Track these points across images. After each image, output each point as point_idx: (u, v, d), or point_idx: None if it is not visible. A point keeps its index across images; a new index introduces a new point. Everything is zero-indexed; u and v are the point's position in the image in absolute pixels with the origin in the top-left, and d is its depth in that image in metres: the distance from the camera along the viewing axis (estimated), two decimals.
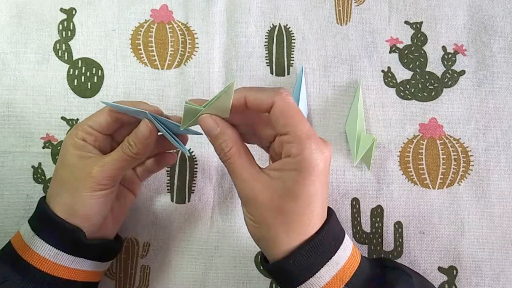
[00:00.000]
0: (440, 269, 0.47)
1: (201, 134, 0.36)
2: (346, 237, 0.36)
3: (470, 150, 0.49)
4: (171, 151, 0.46)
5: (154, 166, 0.43)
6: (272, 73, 0.50)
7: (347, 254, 0.34)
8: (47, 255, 0.36)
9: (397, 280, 0.36)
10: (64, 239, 0.36)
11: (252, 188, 0.33)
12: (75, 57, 0.50)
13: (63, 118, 0.50)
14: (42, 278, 0.36)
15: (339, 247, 0.34)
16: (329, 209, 0.36)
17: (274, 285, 0.47)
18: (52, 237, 0.36)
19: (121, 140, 0.38)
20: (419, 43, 0.51)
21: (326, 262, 0.33)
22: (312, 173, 0.31)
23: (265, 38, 0.51)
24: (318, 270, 0.32)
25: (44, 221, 0.37)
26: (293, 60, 0.51)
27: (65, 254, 0.36)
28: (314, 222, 0.33)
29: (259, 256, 0.36)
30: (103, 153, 0.39)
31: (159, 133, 0.38)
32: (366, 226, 0.48)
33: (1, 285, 0.34)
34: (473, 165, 0.48)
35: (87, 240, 0.37)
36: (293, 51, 0.51)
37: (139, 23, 0.51)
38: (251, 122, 0.36)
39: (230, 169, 0.34)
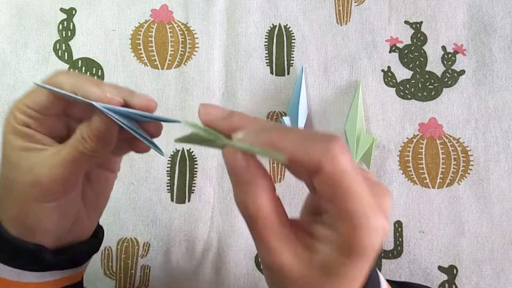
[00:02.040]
0: (440, 268, 0.47)
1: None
2: (380, 277, 0.28)
3: (470, 150, 0.49)
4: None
5: (128, 148, 0.32)
6: (272, 73, 0.50)
7: None
8: (8, 276, 0.29)
9: None
10: (24, 258, 0.29)
11: (280, 261, 0.24)
12: (75, 57, 0.50)
13: None
14: None
15: None
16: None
17: None
18: (9, 258, 0.29)
19: (76, 115, 0.30)
20: (419, 43, 0.51)
21: None
22: (363, 257, 0.22)
23: (265, 38, 0.51)
24: None
25: None
26: (293, 60, 0.51)
27: (30, 272, 0.29)
28: None
29: None
30: (57, 139, 0.30)
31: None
32: None
33: None
34: (472, 165, 0.49)
35: (54, 257, 0.30)
36: (293, 51, 0.51)
37: (139, 23, 0.51)
38: None
39: (252, 232, 0.24)
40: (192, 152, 0.49)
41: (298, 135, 0.22)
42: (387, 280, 0.30)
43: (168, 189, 0.49)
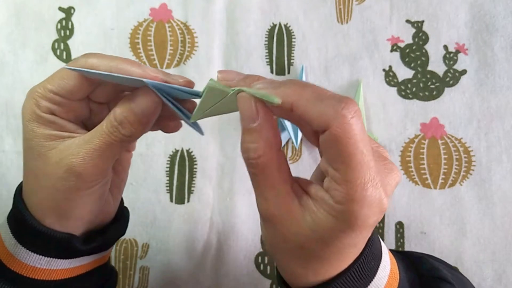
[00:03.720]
0: None
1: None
2: (383, 245, 0.28)
3: (472, 150, 0.48)
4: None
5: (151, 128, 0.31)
6: (272, 72, 0.50)
7: (386, 273, 0.27)
8: (38, 264, 0.29)
9: None
10: (55, 247, 0.29)
11: (273, 213, 0.25)
12: (73, 56, 0.50)
13: None
14: (38, 286, 0.29)
15: (378, 267, 0.26)
16: None
17: (274, 286, 0.47)
18: (40, 247, 0.29)
19: (99, 99, 0.29)
20: (421, 42, 0.50)
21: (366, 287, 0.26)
22: (356, 230, 0.22)
23: (265, 37, 0.51)
24: None
25: (25, 228, 0.29)
26: (293, 59, 0.50)
27: (59, 260, 0.30)
28: (342, 266, 0.25)
29: (276, 275, 0.30)
30: (81, 122, 0.29)
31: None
32: None
33: None
34: (474, 165, 0.48)
35: (84, 245, 0.30)
36: (294, 50, 0.50)
37: (138, 22, 0.51)
38: (292, 120, 0.27)
39: (252, 179, 0.25)
40: (192, 152, 0.49)
41: (313, 92, 0.23)
42: (390, 250, 0.30)
43: (167, 190, 0.49)
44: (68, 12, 0.51)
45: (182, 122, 0.30)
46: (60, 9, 0.51)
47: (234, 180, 0.48)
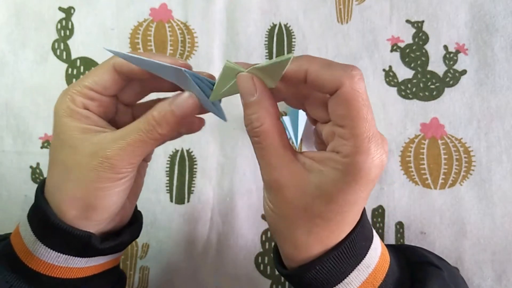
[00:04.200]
0: None
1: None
2: (374, 232, 0.31)
3: (472, 150, 0.48)
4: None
5: (175, 134, 0.34)
6: None
7: (377, 254, 0.29)
8: (56, 262, 0.30)
9: (428, 276, 0.31)
10: (74, 245, 0.30)
11: (278, 178, 0.27)
12: (73, 56, 0.50)
13: None
14: (54, 283, 0.31)
15: (369, 247, 0.29)
16: None
17: (274, 286, 0.47)
18: (59, 244, 0.30)
19: (127, 100, 0.31)
20: (421, 42, 0.50)
21: (356, 266, 0.28)
22: (359, 182, 0.25)
23: (265, 37, 0.51)
24: (347, 276, 0.28)
25: (47, 226, 0.30)
26: None
27: (77, 258, 0.31)
28: (341, 230, 0.28)
29: (273, 256, 0.32)
30: (107, 120, 0.31)
31: None
32: None
33: None
34: (475, 165, 0.48)
35: (101, 244, 0.31)
36: (294, 50, 0.50)
37: (138, 22, 0.51)
38: (302, 97, 0.29)
39: (256, 149, 0.28)
40: (192, 152, 0.49)
41: (322, 60, 0.27)
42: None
43: (167, 190, 0.49)
44: (68, 12, 0.51)
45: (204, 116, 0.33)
46: (60, 9, 0.51)
47: (234, 180, 0.48)
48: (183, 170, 0.49)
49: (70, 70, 0.50)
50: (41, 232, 0.30)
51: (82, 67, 0.50)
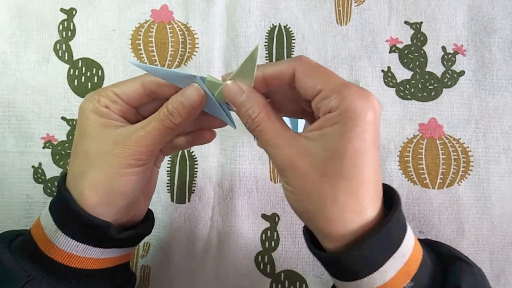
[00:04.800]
0: None
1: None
2: (407, 223, 0.31)
3: (470, 151, 0.49)
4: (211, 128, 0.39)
5: (186, 144, 0.37)
6: None
7: (411, 244, 0.29)
8: (75, 251, 0.32)
9: (461, 272, 0.31)
10: (93, 234, 0.32)
11: (288, 154, 0.28)
12: (75, 57, 0.50)
13: (63, 118, 0.50)
14: (71, 273, 0.32)
15: (404, 237, 0.29)
16: (391, 189, 0.31)
17: (274, 285, 0.47)
18: (78, 232, 0.32)
19: (147, 115, 0.34)
20: (419, 43, 0.51)
21: (392, 254, 0.28)
22: (358, 123, 0.26)
23: (265, 38, 0.51)
24: (383, 264, 0.28)
25: (69, 215, 0.32)
26: None
27: (94, 247, 0.33)
28: (366, 191, 0.27)
29: (305, 237, 0.32)
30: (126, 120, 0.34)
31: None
32: None
33: (25, 284, 0.31)
34: (473, 166, 0.48)
35: (118, 234, 0.33)
36: (293, 51, 0.51)
37: (139, 23, 0.51)
38: (275, 100, 0.32)
39: (261, 137, 0.30)
40: (192, 152, 0.49)
41: (272, 62, 0.31)
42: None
43: (168, 189, 0.49)
44: (69, 13, 0.51)
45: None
46: (62, 10, 0.51)
47: (235, 180, 0.49)
48: (184, 170, 0.49)
49: (72, 71, 0.50)
50: (62, 221, 0.32)
51: (83, 68, 0.50)
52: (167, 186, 0.49)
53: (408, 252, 0.29)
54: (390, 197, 0.30)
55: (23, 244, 0.34)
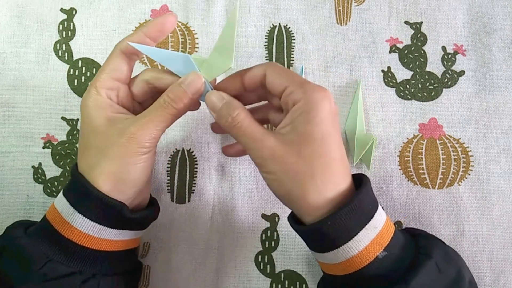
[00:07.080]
0: None
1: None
2: (378, 203, 0.35)
3: (470, 151, 0.49)
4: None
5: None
6: None
7: (383, 219, 0.34)
8: (91, 232, 0.34)
9: (432, 245, 0.35)
10: (108, 214, 0.35)
11: (267, 145, 0.32)
12: (75, 57, 0.51)
13: (63, 118, 0.50)
14: (87, 254, 0.35)
15: (375, 211, 0.33)
16: (362, 175, 0.36)
17: (274, 285, 0.47)
18: (95, 213, 0.34)
19: (139, 97, 0.38)
20: (419, 43, 0.51)
21: (365, 226, 0.32)
22: (320, 111, 0.32)
23: (265, 38, 0.51)
24: (357, 233, 0.32)
25: (85, 197, 0.34)
26: (293, 60, 0.51)
27: (109, 228, 0.35)
28: (337, 166, 0.33)
29: (288, 217, 0.36)
30: (125, 108, 0.37)
31: None
32: None
33: (44, 265, 0.33)
34: (473, 165, 0.48)
35: (131, 214, 0.36)
36: (293, 51, 0.51)
37: (139, 23, 0.51)
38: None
39: (240, 133, 0.34)
40: (192, 152, 0.49)
41: (248, 68, 0.36)
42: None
43: (168, 189, 0.49)
44: (70, 13, 0.51)
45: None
46: (62, 10, 0.51)
47: (235, 180, 0.49)
48: (183, 170, 0.49)
49: (71, 71, 0.50)
50: (79, 203, 0.34)
51: (83, 68, 0.50)
52: (167, 186, 0.49)
53: (379, 225, 0.33)
54: (360, 181, 0.34)
55: (40, 229, 0.36)
